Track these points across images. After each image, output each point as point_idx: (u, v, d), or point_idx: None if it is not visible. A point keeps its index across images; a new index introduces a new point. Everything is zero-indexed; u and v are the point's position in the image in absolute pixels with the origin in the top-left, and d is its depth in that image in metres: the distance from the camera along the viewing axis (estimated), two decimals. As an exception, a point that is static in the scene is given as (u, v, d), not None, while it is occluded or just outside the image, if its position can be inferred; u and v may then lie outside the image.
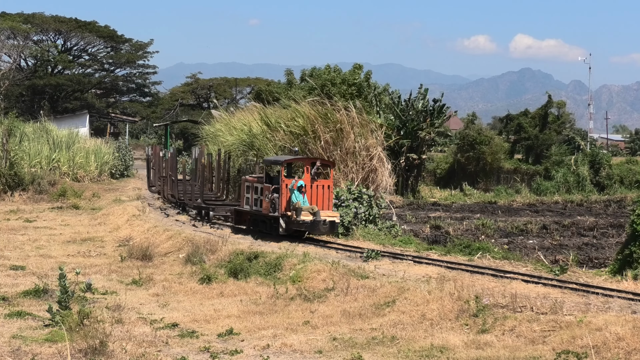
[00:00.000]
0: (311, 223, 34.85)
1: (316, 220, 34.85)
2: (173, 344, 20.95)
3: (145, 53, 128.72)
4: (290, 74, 72.84)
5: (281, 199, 35.58)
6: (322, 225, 34.99)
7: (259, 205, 37.35)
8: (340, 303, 24.80)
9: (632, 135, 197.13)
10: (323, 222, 34.93)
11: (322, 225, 34.98)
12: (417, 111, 64.06)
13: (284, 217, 35.45)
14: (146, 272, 31.49)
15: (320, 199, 36.31)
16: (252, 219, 38.32)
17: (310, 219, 34.91)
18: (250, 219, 38.56)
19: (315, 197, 36.15)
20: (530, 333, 20.58)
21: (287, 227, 35.52)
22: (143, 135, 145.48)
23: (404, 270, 28.71)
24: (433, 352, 19.73)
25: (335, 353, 20.07)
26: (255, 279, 28.90)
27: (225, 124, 60.25)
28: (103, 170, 72.59)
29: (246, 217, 38.92)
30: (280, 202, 35.62)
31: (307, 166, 36.47)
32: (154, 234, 39.97)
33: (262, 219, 37.35)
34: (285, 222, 35.48)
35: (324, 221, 34.95)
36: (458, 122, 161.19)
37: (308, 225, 34.98)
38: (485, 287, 25.19)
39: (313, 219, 34.87)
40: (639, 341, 18.99)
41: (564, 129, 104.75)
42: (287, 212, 35.36)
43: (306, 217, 34.94)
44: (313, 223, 34.85)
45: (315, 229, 35.13)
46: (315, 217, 34.92)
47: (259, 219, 37.61)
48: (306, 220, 34.86)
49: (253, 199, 37.83)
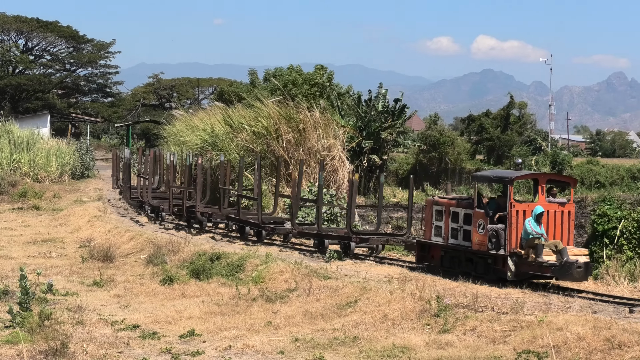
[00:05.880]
0: (561, 266, 25.53)
1: (567, 263, 25.53)
2: (134, 346, 20.87)
3: (107, 53, 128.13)
4: (254, 74, 72.79)
5: (510, 232, 26.36)
6: (576, 269, 25.60)
7: (460, 238, 28.11)
8: (303, 304, 24.81)
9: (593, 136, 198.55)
10: (576, 264, 25.68)
11: (575, 269, 25.58)
12: (377, 112, 64.13)
13: (514, 256, 26.28)
14: (107, 273, 31.35)
15: (558, 230, 27.00)
16: (449, 257, 28.73)
17: (553, 259, 25.78)
18: (444, 255, 28.96)
19: (551, 227, 26.93)
20: (491, 333, 20.68)
21: (519, 270, 26.33)
22: (104, 136, 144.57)
23: (366, 271, 28.77)
24: (395, 352, 19.78)
25: (297, 353, 20.08)
26: (218, 280, 28.84)
27: (187, 124, 60.12)
28: (64, 170, 72.10)
29: (436, 253, 29.35)
30: (509, 236, 26.39)
31: (541, 185, 27.11)
32: (115, 234, 39.80)
33: (467, 258, 27.90)
34: (515, 263, 26.28)
35: (575, 263, 25.68)
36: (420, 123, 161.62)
37: (556, 269, 25.60)
38: (447, 287, 25.30)
39: (562, 261, 25.62)
40: (599, 341, 19.12)
41: (525, 129, 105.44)
42: (517, 249, 26.32)
43: (549, 256, 25.85)
44: (563, 266, 25.51)
45: (566, 273, 25.67)
46: (562, 258, 25.69)
47: (462, 257, 28.15)
48: (551, 262, 25.66)
49: (449, 228, 28.53)
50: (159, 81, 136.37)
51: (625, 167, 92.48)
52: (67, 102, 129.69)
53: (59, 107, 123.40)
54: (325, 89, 64.46)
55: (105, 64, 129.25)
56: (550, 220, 26.65)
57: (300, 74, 65.60)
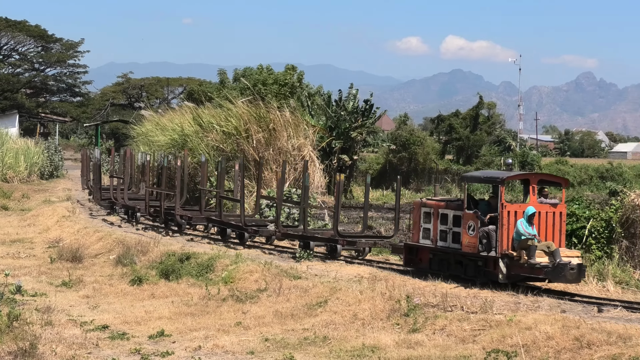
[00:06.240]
0: (554, 268, 25.05)
1: (560, 264, 25.07)
2: (103, 346, 20.80)
3: (76, 52, 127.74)
4: (223, 73, 72.68)
5: (501, 233, 25.87)
6: (569, 271, 25.17)
7: (449, 240, 27.54)
8: (273, 304, 24.79)
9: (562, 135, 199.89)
10: (569, 265, 25.26)
11: (568, 271, 25.14)
12: (347, 112, 64.21)
13: (505, 258, 25.76)
14: (76, 274, 31.20)
15: (549, 231, 26.56)
16: (438, 259, 28.13)
17: (546, 261, 25.35)
18: (432, 258, 28.31)
19: (543, 229, 26.47)
20: (461, 332, 20.75)
21: (510, 272, 25.75)
22: (73, 136, 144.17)
23: (336, 271, 28.78)
24: (365, 351, 19.81)
25: (267, 354, 20.07)
26: (187, 280, 28.76)
27: (156, 124, 59.96)
28: (33, 170, 71.83)
29: (424, 256, 28.66)
30: (500, 237, 25.90)
31: (533, 185, 26.65)
32: (84, 235, 39.61)
33: (457, 260, 27.32)
34: (506, 265, 25.74)
35: (568, 264, 25.26)
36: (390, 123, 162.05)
37: (549, 271, 25.12)
38: (416, 287, 25.33)
39: (555, 262, 25.17)
40: (568, 340, 19.22)
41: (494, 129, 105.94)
42: (508, 251, 25.80)
43: (541, 258, 25.38)
44: (556, 268, 25.03)
45: (558, 275, 25.19)
46: (555, 259, 25.24)
47: (451, 260, 27.55)
48: (544, 264, 25.20)
49: (438, 230, 27.93)
50: (128, 81, 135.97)
51: (594, 167, 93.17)
52: (36, 102, 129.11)
53: (27, 106, 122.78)
54: (295, 89, 64.45)
55: (74, 63, 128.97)
56: (542, 221, 26.27)
57: (271, 73, 65.57)
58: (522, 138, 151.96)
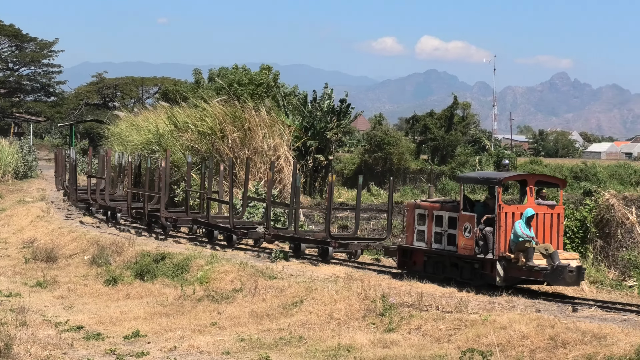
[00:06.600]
0: (553, 271, 24.56)
1: (559, 267, 24.58)
2: (78, 347, 20.73)
3: (50, 52, 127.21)
4: (198, 73, 72.48)
5: (498, 235, 25.34)
6: (568, 274, 24.60)
7: (445, 242, 26.90)
8: (248, 304, 24.77)
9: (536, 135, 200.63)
10: (568, 268, 24.68)
11: (567, 274, 24.58)
12: (323, 112, 64.22)
13: (503, 260, 25.26)
14: (51, 274, 31.08)
15: (547, 233, 26.01)
16: (433, 262, 27.61)
17: (544, 263, 24.86)
18: (427, 261, 27.82)
19: (540, 230, 25.88)
20: (436, 332, 20.79)
21: (508, 275, 25.29)
22: (47, 136, 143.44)
23: (311, 271, 28.79)
24: (340, 351, 19.82)
25: (242, 354, 20.05)
26: (162, 281, 28.70)
27: (131, 124, 59.78)
28: (7, 170, 71.54)
29: (418, 258, 28.14)
30: (498, 239, 25.36)
31: (530, 186, 26.19)
32: (58, 235, 39.44)
33: (453, 263, 26.84)
34: (504, 267, 25.23)
35: (568, 267, 24.71)
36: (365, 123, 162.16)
37: (547, 274, 24.64)
38: (392, 287, 25.37)
39: (554, 265, 24.67)
40: (543, 339, 19.29)
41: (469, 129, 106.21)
42: (506, 253, 25.29)
43: (539, 260, 24.89)
44: (555, 270, 24.54)
45: (558, 278, 24.69)
46: (553, 262, 24.74)
47: (446, 262, 27.06)
48: (542, 266, 24.72)
49: (433, 232, 27.33)
50: (103, 80, 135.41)
51: (568, 167, 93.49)
52: (10, 102, 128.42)
53: (1, 106, 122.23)
54: (271, 89, 64.40)
55: (48, 62, 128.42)
56: (540, 223, 25.70)
57: (246, 73, 65.47)
58: (497, 138, 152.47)
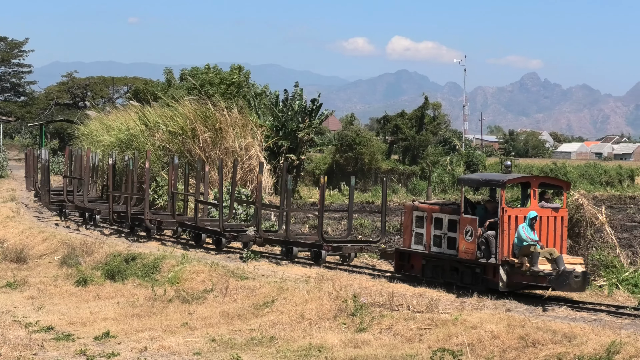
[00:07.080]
0: (558, 276, 23.68)
1: (565, 272, 23.71)
2: (49, 348, 20.64)
3: (20, 51, 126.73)
4: (170, 73, 72.43)
5: (501, 239, 24.52)
6: (574, 279, 23.80)
7: (444, 245, 26.19)
8: (219, 304, 24.75)
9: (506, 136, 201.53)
10: (573, 273, 23.85)
11: (573, 279, 23.77)
12: (294, 112, 64.22)
13: (506, 265, 24.43)
14: (21, 275, 30.94)
15: (551, 237, 25.25)
16: (431, 266, 26.80)
17: (549, 268, 24.02)
18: (425, 265, 26.99)
19: (544, 234, 25.11)
20: (407, 331, 20.85)
21: (511, 280, 24.45)
22: (17, 136, 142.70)
23: (283, 271, 28.77)
24: (311, 351, 19.84)
25: (214, 354, 20.03)
26: (133, 281, 28.63)
27: (101, 124, 59.58)
28: (-24, 171, 71.10)
29: (416, 262, 27.32)
30: (501, 243, 24.54)
31: (533, 189, 25.40)
32: (28, 235, 39.25)
33: (452, 267, 26.04)
34: (507, 272, 24.43)
35: (573, 272, 23.86)
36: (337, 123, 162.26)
37: (553, 279, 23.73)
38: (363, 287, 25.42)
39: (560, 270, 23.83)
40: (513, 339, 19.38)
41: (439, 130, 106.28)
42: (509, 257, 24.47)
43: (544, 265, 24.06)
44: (561, 276, 23.67)
45: (563, 284, 23.82)
46: (558, 267, 23.93)
47: (446, 266, 26.27)
48: (547, 272, 23.84)
49: (432, 235, 26.57)
50: (73, 80, 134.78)
51: (538, 167, 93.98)
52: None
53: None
54: (242, 89, 64.39)
55: (18, 62, 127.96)
56: (543, 226, 24.93)
57: (218, 73, 65.46)
58: (467, 138, 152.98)
